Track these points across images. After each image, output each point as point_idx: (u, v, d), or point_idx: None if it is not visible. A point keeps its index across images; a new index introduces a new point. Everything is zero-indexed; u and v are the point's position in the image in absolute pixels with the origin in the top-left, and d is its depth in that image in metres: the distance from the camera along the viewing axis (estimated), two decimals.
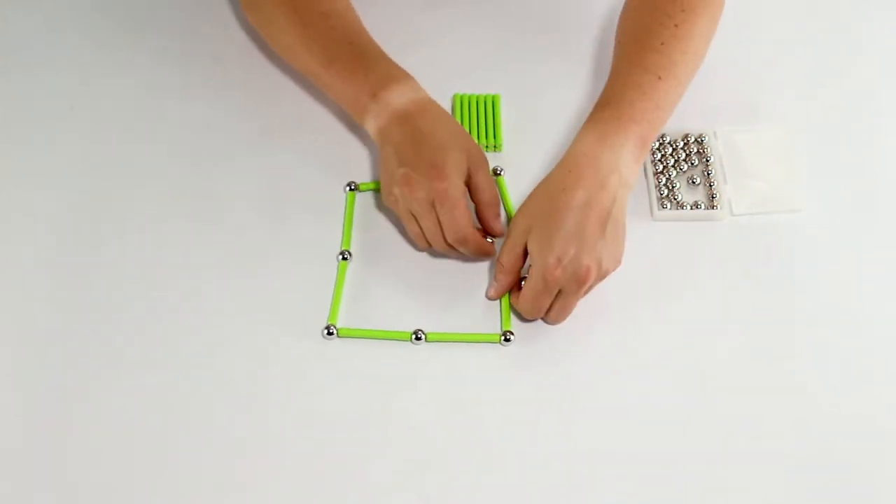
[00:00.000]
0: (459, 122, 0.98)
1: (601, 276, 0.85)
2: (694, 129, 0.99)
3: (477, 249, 0.88)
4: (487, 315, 0.89)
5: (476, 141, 0.96)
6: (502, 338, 0.87)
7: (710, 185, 0.95)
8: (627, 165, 0.86)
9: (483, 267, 0.92)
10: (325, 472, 0.82)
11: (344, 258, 0.92)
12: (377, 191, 0.96)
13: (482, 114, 1.00)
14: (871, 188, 0.96)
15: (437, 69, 1.02)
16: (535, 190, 0.88)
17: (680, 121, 0.99)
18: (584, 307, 0.89)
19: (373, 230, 0.94)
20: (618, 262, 0.86)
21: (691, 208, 0.94)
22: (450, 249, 0.89)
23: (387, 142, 0.89)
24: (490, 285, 0.90)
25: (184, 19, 1.08)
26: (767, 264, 0.92)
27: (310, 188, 0.96)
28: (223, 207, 0.95)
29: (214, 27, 1.07)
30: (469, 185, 0.89)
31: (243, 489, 0.81)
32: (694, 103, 1.00)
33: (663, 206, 0.95)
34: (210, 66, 1.05)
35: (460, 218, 0.86)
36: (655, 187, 0.96)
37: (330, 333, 0.87)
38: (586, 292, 0.85)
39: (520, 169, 0.98)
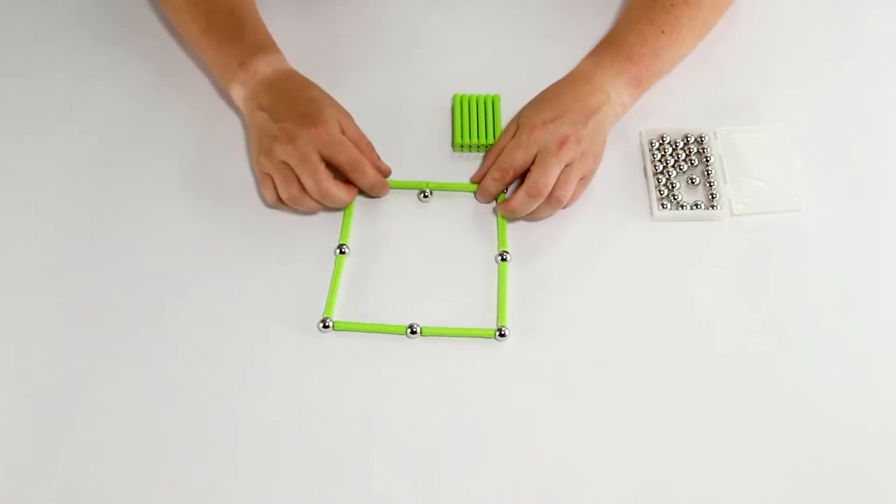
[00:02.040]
0: (460, 122, 0.98)
1: (584, 156, 0.90)
2: (694, 129, 0.99)
3: (372, 179, 0.91)
4: (483, 310, 0.89)
5: (476, 140, 0.97)
6: (497, 333, 0.87)
7: (710, 185, 0.95)
8: (618, 92, 0.94)
9: (477, 261, 0.92)
10: (320, 464, 0.82)
11: (342, 252, 0.92)
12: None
13: (482, 114, 1.00)
14: (870, 188, 0.96)
15: (438, 69, 1.02)
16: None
17: (680, 121, 0.99)
18: (583, 305, 0.89)
19: (371, 225, 0.94)
20: (596, 162, 0.92)
21: (691, 208, 0.94)
22: (333, 195, 0.90)
23: (256, 107, 0.92)
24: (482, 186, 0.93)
25: None
26: (767, 264, 0.92)
27: None
28: (222, 202, 0.95)
29: None
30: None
31: (240, 481, 0.81)
32: (694, 103, 1.00)
33: (663, 206, 0.94)
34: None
35: (353, 150, 0.90)
36: (655, 187, 0.95)
37: (326, 327, 0.87)
38: (574, 172, 0.90)
39: None
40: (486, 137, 0.98)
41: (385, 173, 0.94)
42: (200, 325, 0.88)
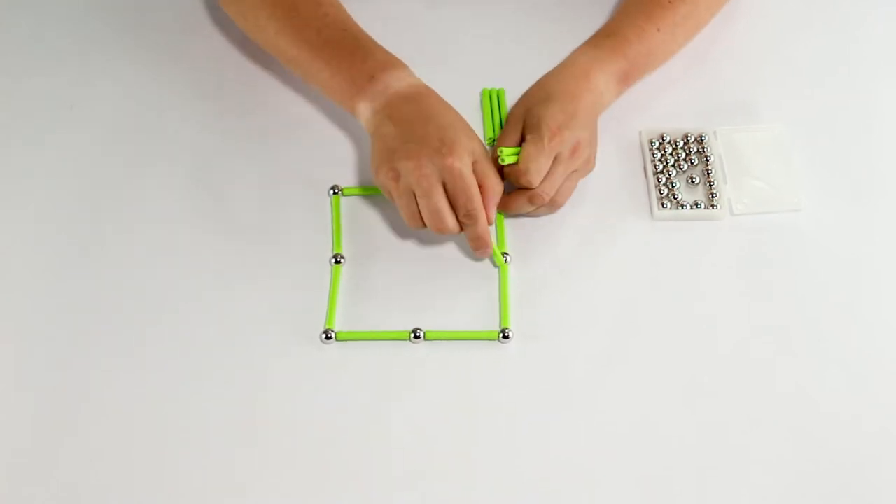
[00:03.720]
0: (490, 116, 1.00)
1: (586, 160, 0.91)
2: (694, 129, 0.99)
3: (481, 233, 0.86)
4: (485, 312, 0.89)
5: (491, 136, 0.99)
6: (501, 335, 0.87)
7: (710, 185, 0.95)
8: (609, 89, 0.94)
9: (478, 263, 0.92)
10: (327, 471, 0.82)
11: (337, 262, 0.92)
12: (362, 195, 0.96)
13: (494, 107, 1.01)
14: (870, 187, 0.96)
15: (439, 65, 1.02)
16: (531, 87, 0.94)
17: (680, 121, 0.99)
18: (584, 305, 0.89)
19: (363, 232, 0.94)
20: (593, 164, 0.93)
21: (691, 208, 0.94)
22: (448, 229, 0.86)
23: (387, 120, 0.87)
24: None
25: (183, 20, 1.08)
26: (767, 264, 0.92)
27: (298, 193, 0.96)
28: (220, 211, 0.95)
29: (214, 28, 1.07)
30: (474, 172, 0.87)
31: (246, 493, 0.81)
32: (694, 103, 1.00)
33: (663, 206, 0.94)
34: (211, 67, 1.05)
35: (475, 195, 0.84)
36: (655, 187, 0.95)
37: (328, 338, 0.87)
38: (574, 175, 0.91)
39: None
40: (495, 132, 0.99)
41: (490, 223, 0.87)
42: (202, 345, 0.88)
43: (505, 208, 0.91)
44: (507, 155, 0.87)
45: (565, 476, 0.82)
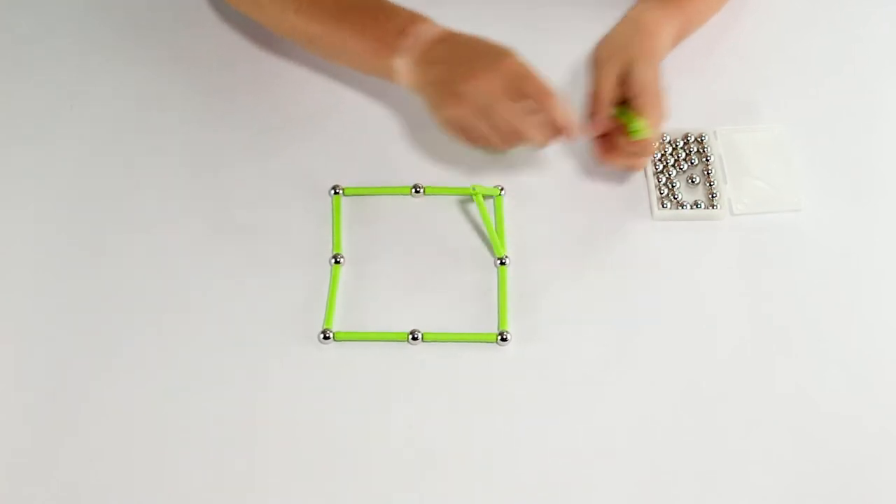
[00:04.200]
0: None
1: None
2: (694, 129, 0.98)
3: (565, 114, 0.86)
4: (484, 314, 0.89)
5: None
6: (499, 337, 0.87)
7: (710, 185, 0.95)
8: (667, 47, 0.95)
9: (476, 265, 0.92)
10: (325, 471, 0.82)
11: (336, 262, 0.92)
12: (362, 195, 0.96)
13: None
14: (870, 187, 0.96)
15: None
16: (608, 39, 0.93)
17: (680, 121, 0.98)
18: (583, 306, 0.89)
19: (363, 232, 0.94)
20: None
21: (691, 208, 0.94)
22: (528, 135, 0.87)
23: (430, 65, 0.88)
24: (581, 126, 0.89)
25: (183, 20, 1.08)
26: (767, 264, 0.92)
27: (298, 193, 0.96)
28: (220, 211, 0.96)
29: (214, 28, 1.07)
30: None
31: (245, 493, 0.82)
32: (694, 103, 1.00)
33: (663, 206, 0.94)
34: (211, 67, 1.05)
35: (543, 81, 0.86)
36: (655, 187, 0.95)
37: (326, 338, 0.87)
38: None
39: (525, 162, 0.98)
40: None
41: (569, 116, 0.87)
42: (201, 344, 0.88)
43: (605, 159, 0.92)
44: (646, 126, 0.88)
45: (563, 478, 0.82)
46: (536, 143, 0.87)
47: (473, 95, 0.85)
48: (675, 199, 0.95)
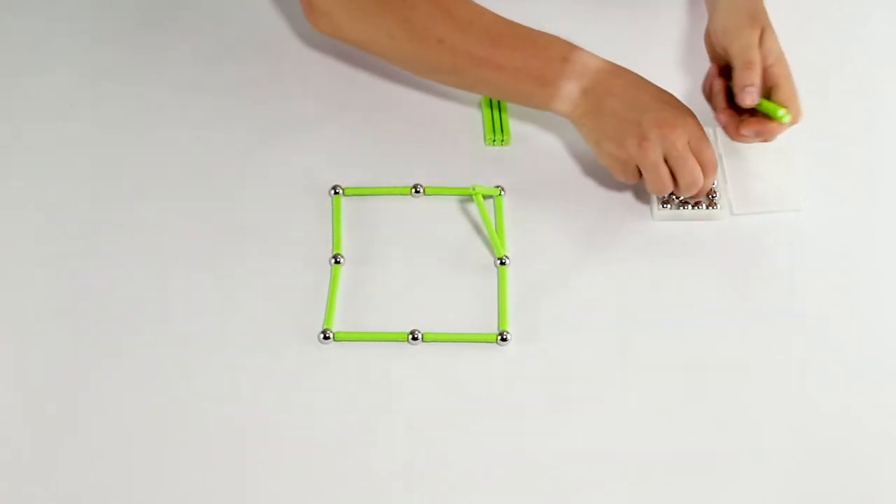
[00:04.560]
0: (490, 118, 1.00)
1: None
2: None
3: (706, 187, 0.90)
4: (484, 314, 0.89)
5: (491, 136, 0.99)
6: (499, 337, 0.87)
7: (711, 185, 0.95)
8: None
9: (476, 265, 0.92)
10: (324, 471, 0.82)
11: (336, 262, 0.92)
12: (362, 195, 0.96)
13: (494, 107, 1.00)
14: (871, 188, 0.96)
15: None
16: (725, 7, 0.93)
17: None
18: (583, 306, 0.89)
19: (363, 232, 0.94)
20: None
21: (691, 208, 0.94)
22: (702, 191, 0.90)
23: (606, 95, 0.89)
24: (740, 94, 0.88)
25: (184, 20, 1.08)
26: (767, 264, 0.92)
27: (298, 193, 0.96)
28: (220, 211, 0.96)
29: (215, 27, 1.08)
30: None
31: (244, 493, 0.81)
32: (694, 103, 1.00)
33: (663, 206, 0.94)
34: (211, 67, 1.05)
35: (713, 151, 0.89)
36: None
37: (326, 338, 0.87)
38: None
39: (525, 162, 0.98)
40: (495, 132, 0.99)
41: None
42: (200, 345, 0.88)
43: (760, 133, 0.91)
44: (786, 111, 0.88)
45: (564, 477, 0.82)
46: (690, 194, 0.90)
47: (661, 142, 0.86)
48: (675, 199, 0.95)
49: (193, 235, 0.94)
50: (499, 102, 1.01)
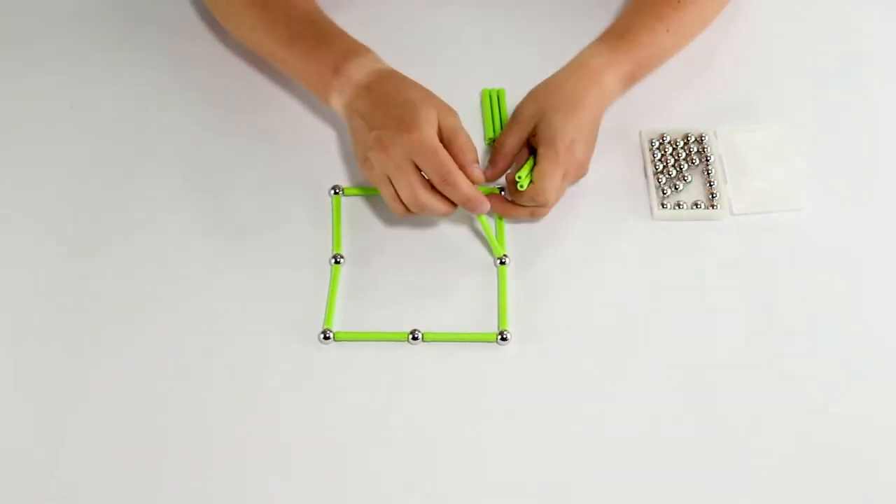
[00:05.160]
0: (490, 116, 0.99)
1: (582, 166, 0.91)
2: (694, 129, 0.98)
3: (466, 194, 0.85)
4: (484, 314, 0.89)
5: (491, 136, 0.98)
6: (499, 337, 0.87)
7: (710, 185, 0.95)
8: (617, 91, 0.95)
9: (476, 265, 0.92)
10: (324, 471, 0.82)
11: (336, 262, 0.92)
12: (362, 195, 0.96)
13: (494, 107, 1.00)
14: (870, 187, 0.96)
15: (439, 65, 1.02)
16: (542, 85, 0.94)
17: (680, 120, 0.99)
18: (584, 306, 0.89)
19: (363, 233, 0.94)
20: (587, 168, 0.92)
21: (691, 208, 0.94)
22: (430, 207, 0.86)
23: (354, 114, 0.89)
24: (484, 169, 0.88)
25: (184, 20, 1.08)
26: (767, 264, 0.92)
27: (298, 193, 0.96)
28: (220, 211, 0.95)
29: (215, 28, 1.07)
30: (442, 139, 0.87)
31: (244, 493, 0.82)
32: (694, 103, 1.00)
33: (663, 206, 0.94)
34: (211, 67, 1.05)
35: (444, 160, 0.84)
36: (655, 187, 0.95)
37: (326, 338, 0.87)
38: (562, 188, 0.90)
39: None
40: (495, 132, 0.99)
41: (476, 181, 0.86)
42: (200, 343, 0.88)
43: (504, 215, 0.92)
44: (525, 178, 0.88)
45: (564, 477, 0.82)
46: (440, 213, 0.86)
47: (380, 167, 0.85)
48: (675, 199, 0.95)
49: (193, 235, 0.94)
50: (499, 102, 1.01)
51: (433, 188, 0.85)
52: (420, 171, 0.84)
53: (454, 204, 0.86)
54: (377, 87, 0.88)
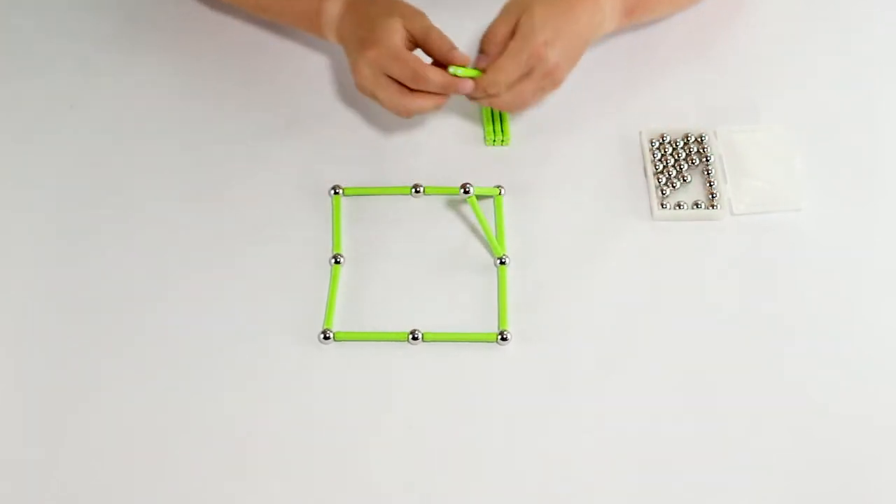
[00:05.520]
0: (490, 117, 0.99)
1: (554, 81, 0.89)
2: (694, 129, 0.98)
3: (440, 83, 0.86)
4: (484, 314, 0.89)
5: (491, 136, 0.98)
6: (499, 337, 0.87)
7: (710, 185, 0.95)
8: (611, 18, 0.93)
9: (476, 265, 0.92)
10: (324, 471, 0.82)
11: (337, 262, 0.92)
12: (362, 195, 0.96)
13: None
14: (870, 187, 0.96)
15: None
16: None
17: (680, 120, 0.99)
18: (583, 306, 0.89)
19: (363, 233, 0.94)
20: (560, 84, 0.90)
21: (691, 208, 0.94)
22: (417, 108, 0.88)
23: (341, 41, 0.92)
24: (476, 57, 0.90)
25: (183, 20, 1.08)
26: (767, 264, 0.92)
27: (298, 193, 0.96)
28: (220, 211, 0.95)
29: (215, 27, 1.07)
30: (417, 42, 0.89)
31: (244, 493, 0.82)
32: (694, 103, 1.00)
33: (663, 206, 0.94)
34: (211, 67, 1.05)
35: (406, 61, 0.86)
36: (655, 187, 0.95)
37: (326, 338, 0.87)
38: (536, 94, 0.89)
39: (525, 162, 0.98)
40: (495, 132, 0.99)
41: (462, 62, 0.87)
42: (201, 343, 0.88)
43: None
44: (464, 70, 0.88)
45: (564, 477, 0.82)
46: (431, 108, 0.88)
47: (362, 86, 0.88)
48: (675, 199, 0.95)
49: (193, 235, 0.94)
50: None
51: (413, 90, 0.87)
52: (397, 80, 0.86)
53: (440, 94, 0.88)
54: (353, 11, 0.91)
